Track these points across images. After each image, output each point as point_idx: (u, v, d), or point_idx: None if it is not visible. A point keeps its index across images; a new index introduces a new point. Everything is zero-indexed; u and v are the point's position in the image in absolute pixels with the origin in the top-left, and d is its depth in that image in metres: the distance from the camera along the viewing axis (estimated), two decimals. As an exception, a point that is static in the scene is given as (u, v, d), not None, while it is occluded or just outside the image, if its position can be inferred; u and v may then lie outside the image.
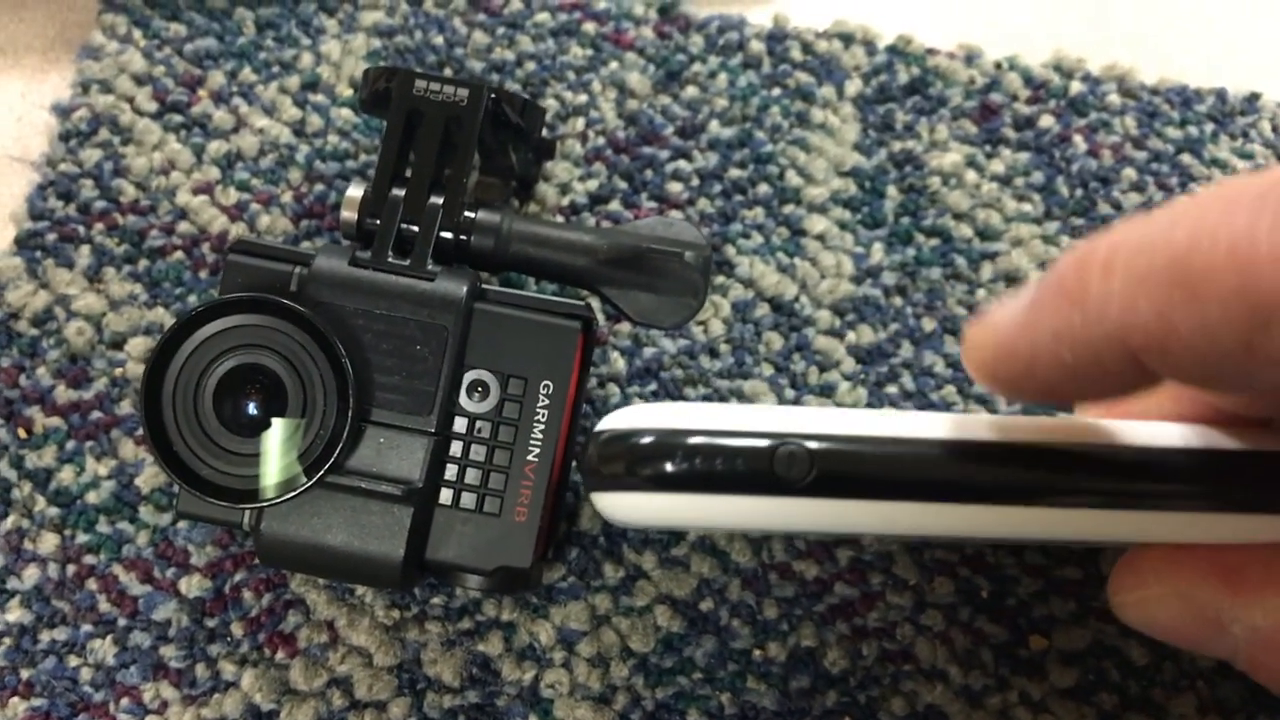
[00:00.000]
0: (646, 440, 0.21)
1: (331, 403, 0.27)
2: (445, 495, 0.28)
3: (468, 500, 0.28)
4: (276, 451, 0.27)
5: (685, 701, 0.30)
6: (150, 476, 0.32)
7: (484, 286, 0.29)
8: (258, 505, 0.27)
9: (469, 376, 0.28)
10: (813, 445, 0.20)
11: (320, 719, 0.30)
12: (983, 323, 0.20)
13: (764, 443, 0.20)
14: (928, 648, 0.31)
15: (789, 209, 0.35)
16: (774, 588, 0.31)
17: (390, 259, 0.29)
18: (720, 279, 0.34)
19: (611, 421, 0.22)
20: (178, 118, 0.36)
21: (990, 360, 0.19)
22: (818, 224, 0.35)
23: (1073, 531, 0.21)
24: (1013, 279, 0.35)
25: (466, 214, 0.29)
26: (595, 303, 0.34)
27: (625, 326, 0.34)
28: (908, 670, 0.30)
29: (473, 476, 0.28)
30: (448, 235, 0.29)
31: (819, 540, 0.32)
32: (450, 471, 0.28)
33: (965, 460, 0.20)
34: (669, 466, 0.21)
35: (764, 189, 0.36)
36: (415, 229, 0.29)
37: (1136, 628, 0.22)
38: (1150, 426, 0.21)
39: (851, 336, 0.34)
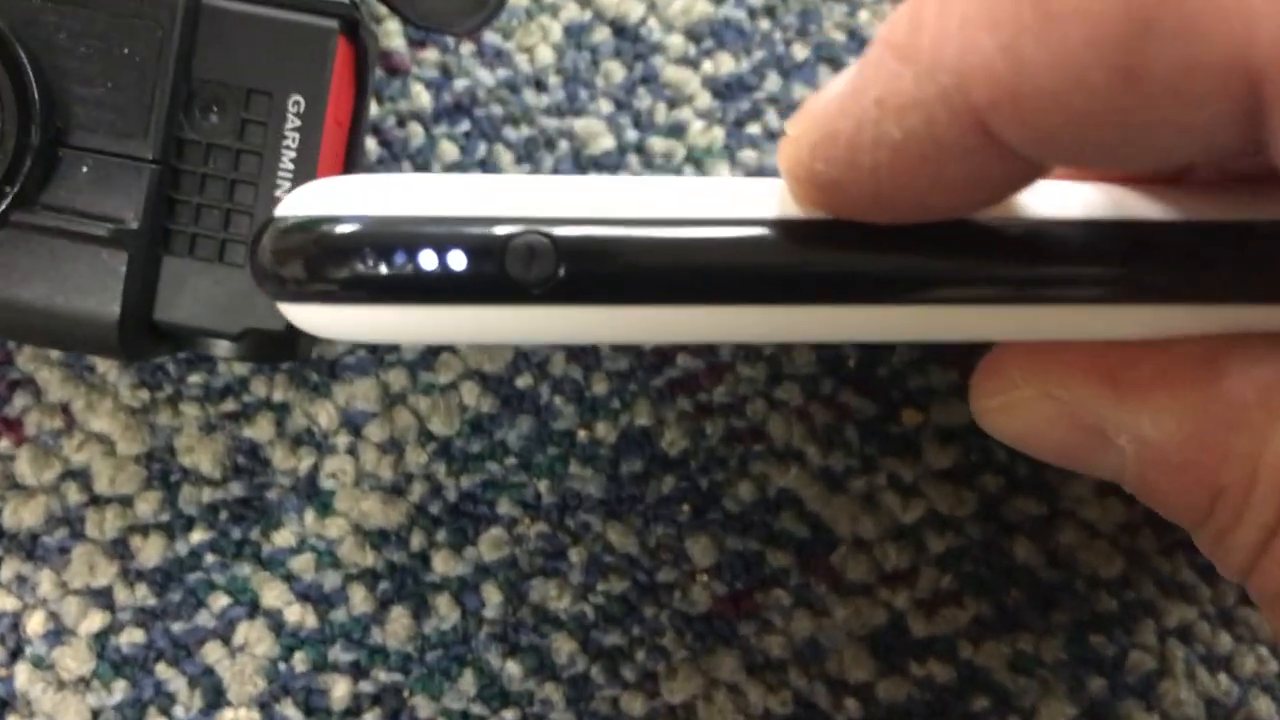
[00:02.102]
0: (334, 230, 0.15)
1: (11, 119, 0.21)
2: (179, 245, 0.23)
3: (205, 249, 0.23)
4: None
5: (495, 490, 0.25)
6: None
7: (219, -20, 0.23)
8: (-80, 249, 0.21)
9: (199, 93, 0.22)
10: (560, 232, 0.15)
11: (52, 517, 0.25)
12: (800, 109, 0.15)
13: (494, 230, 0.15)
14: (782, 425, 0.26)
15: (637, -86, 0.29)
16: (605, 360, 0.26)
17: (92, -59, 0.23)
18: (550, -3, 0.29)
19: (293, 203, 0.16)
20: None
21: (807, 155, 0.14)
22: (670, -68, 0.29)
23: (916, 332, 0.16)
24: (903, -2, 0.29)
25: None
26: (396, 28, 0.28)
27: (431, 53, 0.28)
28: (758, 451, 0.26)
29: (211, 220, 0.23)
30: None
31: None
32: (183, 215, 0.23)
33: (771, 245, 0.15)
34: (363, 267, 0.15)
35: (606, -111, 0.29)
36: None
37: (1006, 440, 0.18)
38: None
39: (708, 66, 0.28)
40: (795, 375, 0.26)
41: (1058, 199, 0.15)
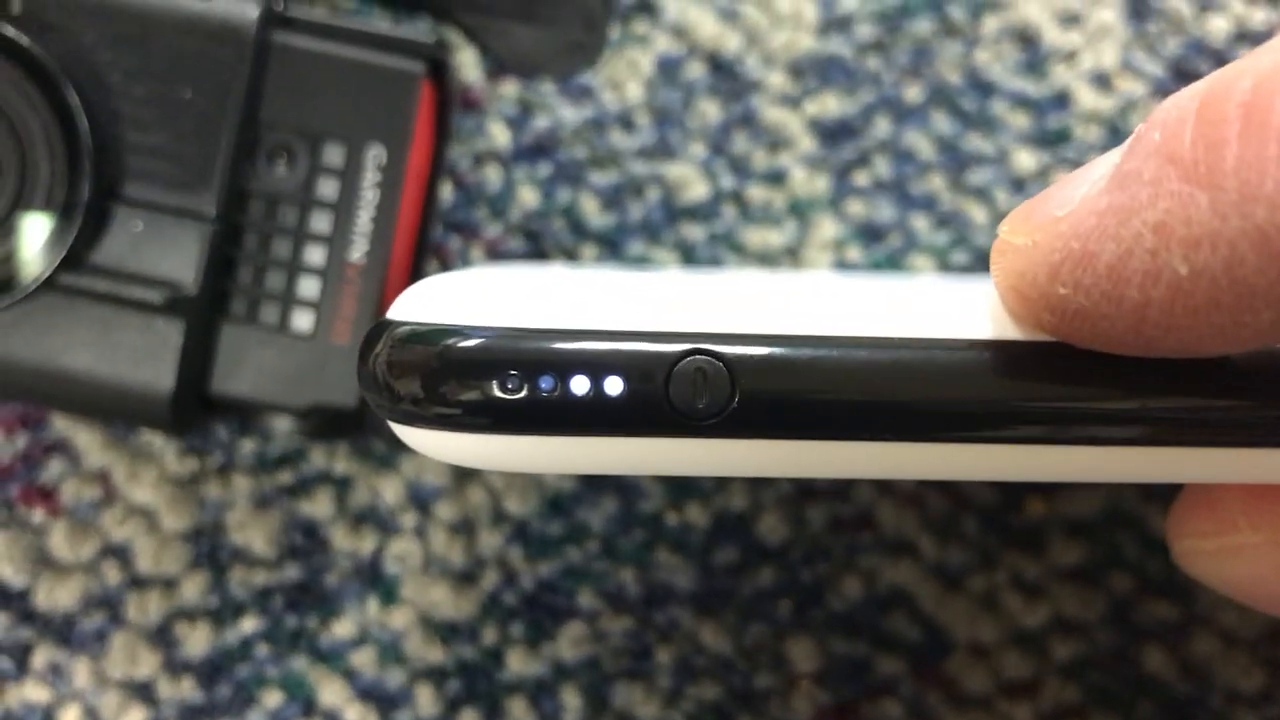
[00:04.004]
0: (467, 345, 0.13)
1: (60, 169, 0.19)
2: (237, 307, 0.20)
3: (268, 314, 0.20)
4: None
5: (575, 579, 0.23)
6: None
7: (291, 15, 0.20)
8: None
9: (265, 139, 0.20)
10: (735, 353, 0.13)
11: (90, 598, 0.23)
12: (1028, 212, 0.12)
13: (657, 351, 0.13)
14: (892, 513, 0.24)
15: (736, -63, 0.27)
16: (697, 433, 0.24)
17: (152, -32, 0.20)
18: (641, 27, 0.26)
19: (413, 303, 0.14)
20: None
21: (1045, 275, 0.12)
22: (773, -43, 0.27)
23: (1147, 475, 0.14)
24: (1025, 37, 0.27)
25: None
26: (472, 58, 0.25)
27: (510, 88, 0.25)
28: (866, 541, 0.23)
29: (275, 281, 0.20)
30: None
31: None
32: (243, 274, 0.20)
33: (989, 373, 0.13)
34: (499, 391, 0.13)
35: (703, -92, 0.27)
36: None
37: (1214, 586, 0.16)
38: None
39: (812, 107, 0.26)
40: (908, 458, 0.24)
41: None
